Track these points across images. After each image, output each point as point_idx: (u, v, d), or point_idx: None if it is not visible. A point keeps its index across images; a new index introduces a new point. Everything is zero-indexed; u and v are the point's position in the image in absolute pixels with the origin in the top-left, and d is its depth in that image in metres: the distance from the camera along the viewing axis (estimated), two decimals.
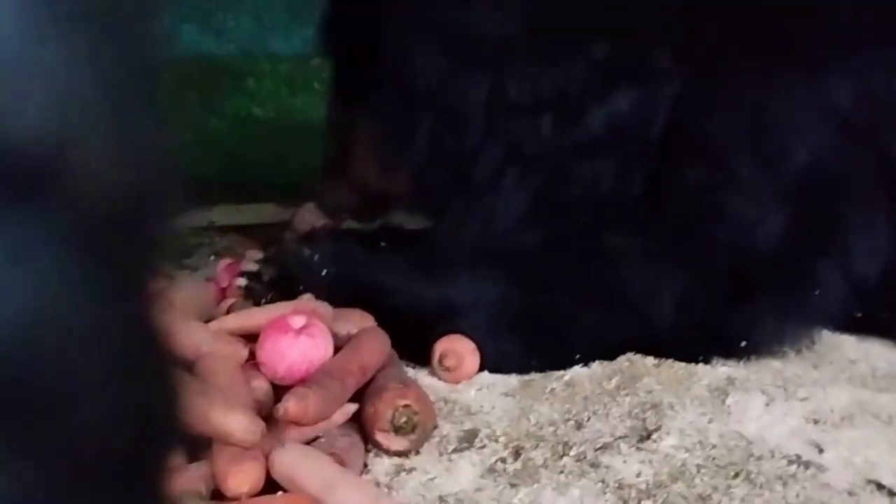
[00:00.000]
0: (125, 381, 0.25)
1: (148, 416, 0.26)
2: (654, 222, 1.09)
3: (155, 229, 0.27)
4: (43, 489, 0.22)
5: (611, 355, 1.13)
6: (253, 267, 1.29)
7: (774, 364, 1.15)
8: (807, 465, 0.90)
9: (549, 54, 1.02)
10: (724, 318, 1.12)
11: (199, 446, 0.83)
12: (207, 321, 1.06)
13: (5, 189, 0.21)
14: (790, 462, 0.90)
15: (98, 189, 0.23)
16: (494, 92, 1.02)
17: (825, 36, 1.09)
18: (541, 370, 1.14)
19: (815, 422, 0.99)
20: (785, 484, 0.87)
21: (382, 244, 1.26)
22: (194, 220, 2.30)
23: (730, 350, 1.14)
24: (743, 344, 1.13)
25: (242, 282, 1.26)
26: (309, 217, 1.51)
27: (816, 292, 1.13)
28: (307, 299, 1.18)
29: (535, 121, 1.03)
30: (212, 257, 1.86)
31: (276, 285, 1.25)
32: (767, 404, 1.03)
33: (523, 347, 1.14)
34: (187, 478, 0.79)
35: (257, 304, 1.25)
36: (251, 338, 1.00)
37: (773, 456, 0.91)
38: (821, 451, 0.93)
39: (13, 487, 0.22)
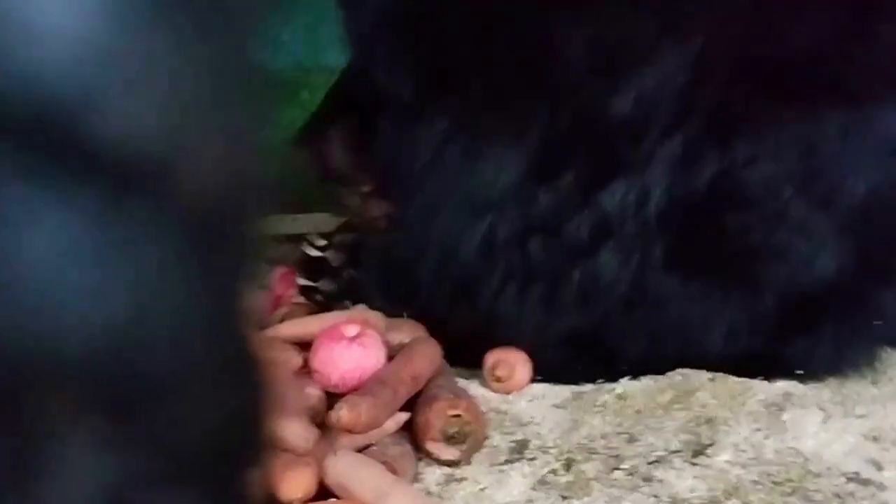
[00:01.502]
0: (222, 378, 0.25)
1: (240, 416, 0.26)
2: (696, 261, 1.09)
3: (252, 228, 0.27)
4: (141, 475, 0.23)
5: (661, 371, 1.13)
6: (315, 253, 1.30)
7: (832, 380, 1.13)
8: (865, 482, 0.88)
9: (537, 187, 1.10)
10: (779, 349, 1.11)
11: None
12: (261, 329, 1.07)
13: (115, 183, 0.22)
14: (848, 480, 0.88)
15: (203, 186, 0.24)
16: (489, 235, 1.11)
17: (872, 67, 1.07)
18: (588, 380, 1.14)
19: (875, 439, 0.97)
20: (843, 502, 0.85)
21: None
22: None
23: (787, 376, 1.13)
24: (800, 372, 1.12)
25: (303, 281, 1.27)
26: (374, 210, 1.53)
27: (878, 322, 1.11)
28: (361, 309, 1.19)
29: (524, 246, 1.11)
30: (265, 266, 1.89)
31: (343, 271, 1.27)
32: (825, 421, 1.01)
33: (571, 359, 1.15)
34: None
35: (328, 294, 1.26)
36: (305, 346, 1.01)
37: (830, 473, 0.89)
38: (880, 469, 0.91)
39: (115, 471, 0.22)
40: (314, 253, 1.29)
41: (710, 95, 1.07)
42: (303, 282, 1.26)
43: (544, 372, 1.15)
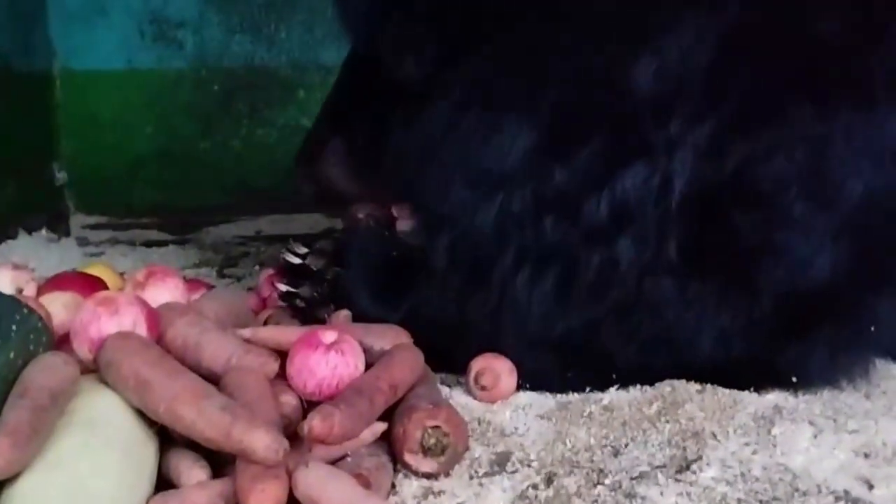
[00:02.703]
0: None
1: None
2: (698, 260, 1.06)
3: None
4: None
5: (650, 380, 1.10)
6: (296, 259, 1.27)
7: (824, 394, 1.11)
8: (855, 501, 0.85)
9: (551, 161, 1.06)
10: (773, 354, 1.08)
11: (223, 463, 0.82)
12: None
13: None
14: (837, 498, 0.85)
15: None
16: (502, 210, 1.07)
17: (878, 70, 1.05)
18: (577, 389, 1.11)
19: (866, 456, 0.94)
20: None
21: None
22: (242, 229, 2.32)
23: (780, 384, 1.11)
24: (794, 379, 1.09)
25: (283, 286, 1.25)
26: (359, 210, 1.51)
27: (873, 328, 1.08)
28: (344, 316, 1.17)
29: (538, 225, 1.07)
30: (256, 267, 1.87)
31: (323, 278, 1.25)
32: (815, 436, 0.98)
33: (560, 364, 1.12)
34: (209, 494, 0.78)
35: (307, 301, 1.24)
36: (285, 352, 0.98)
37: (819, 491, 0.86)
38: (871, 487, 0.88)
39: None
40: (295, 260, 1.26)
41: (738, 82, 1.04)
42: (284, 287, 1.24)
43: (532, 380, 1.13)
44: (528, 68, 1.08)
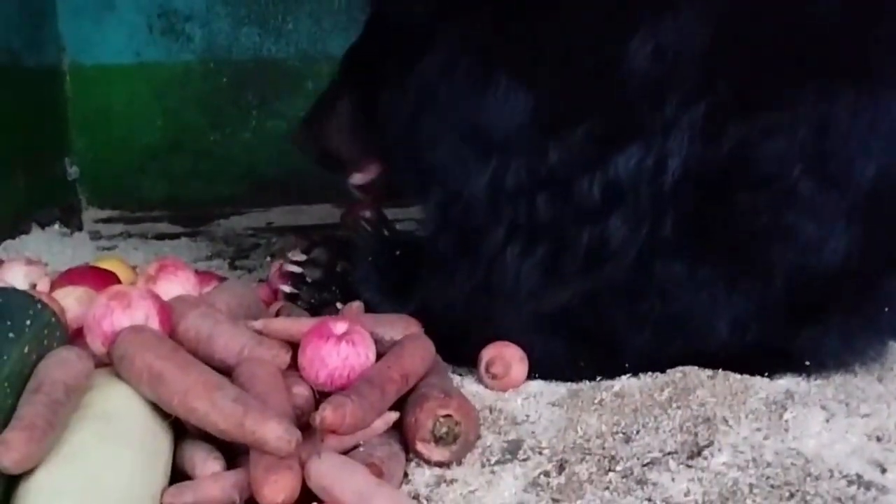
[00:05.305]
0: None
1: None
2: (704, 242, 1.06)
3: None
4: None
5: (662, 367, 1.10)
6: (295, 269, 1.29)
7: (836, 378, 1.10)
8: (868, 485, 0.85)
9: (546, 137, 1.06)
10: (786, 339, 1.08)
11: (237, 454, 0.83)
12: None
13: None
14: (850, 482, 0.85)
15: None
16: (495, 181, 1.07)
17: (883, 47, 1.04)
18: (589, 377, 1.11)
19: (879, 439, 0.94)
20: None
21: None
22: (253, 220, 2.33)
23: (793, 369, 1.11)
24: (807, 363, 1.09)
25: (286, 288, 1.27)
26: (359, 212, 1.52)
27: (887, 309, 1.07)
28: (356, 307, 1.17)
29: (531, 202, 1.07)
30: (267, 258, 1.88)
31: (322, 285, 1.26)
32: (827, 420, 0.98)
33: (571, 351, 1.12)
34: (224, 485, 0.78)
35: (307, 305, 1.25)
36: (297, 343, 0.99)
37: (831, 476, 0.86)
38: (883, 470, 0.88)
39: None
40: (293, 268, 1.28)
41: (735, 63, 1.03)
42: (287, 289, 1.26)
43: (543, 368, 1.13)
44: (527, 37, 1.07)
